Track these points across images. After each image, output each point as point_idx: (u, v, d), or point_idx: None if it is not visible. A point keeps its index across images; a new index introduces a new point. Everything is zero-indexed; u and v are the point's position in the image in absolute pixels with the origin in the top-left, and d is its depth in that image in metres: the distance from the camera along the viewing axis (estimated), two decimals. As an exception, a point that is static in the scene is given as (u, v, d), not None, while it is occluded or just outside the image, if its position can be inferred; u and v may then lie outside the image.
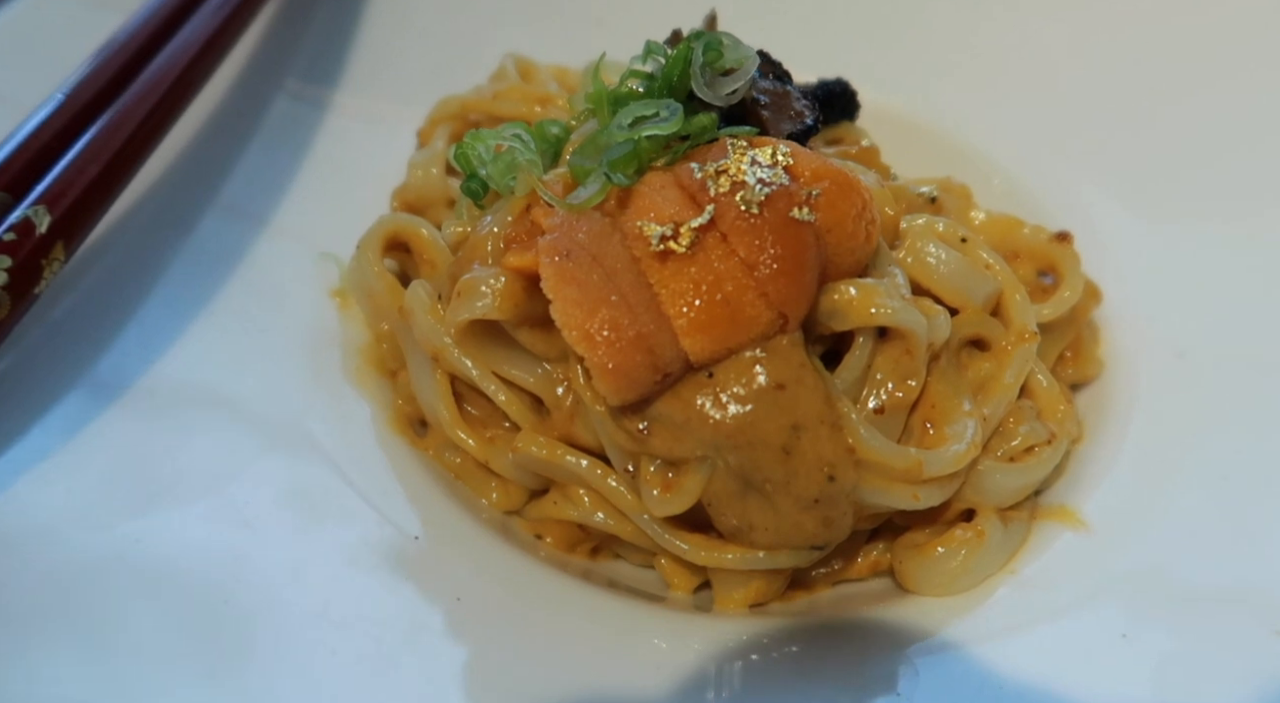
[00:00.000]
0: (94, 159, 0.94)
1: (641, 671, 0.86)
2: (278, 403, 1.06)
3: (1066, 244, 1.10)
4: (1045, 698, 0.78)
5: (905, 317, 0.90)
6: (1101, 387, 1.13)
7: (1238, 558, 0.88)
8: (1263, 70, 1.27)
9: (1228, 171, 1.23)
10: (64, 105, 0.97)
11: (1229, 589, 0.85)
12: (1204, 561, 0.88)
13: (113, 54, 1.03)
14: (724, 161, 0.88)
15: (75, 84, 0.99)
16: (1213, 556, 0.89)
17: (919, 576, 0.94)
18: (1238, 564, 0.88)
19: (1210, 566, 0.88)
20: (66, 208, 0.91)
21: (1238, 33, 1.34)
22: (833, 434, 0.87)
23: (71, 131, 0.96)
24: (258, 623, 0.81)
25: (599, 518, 0.99)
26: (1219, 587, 0.85)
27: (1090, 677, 0.79)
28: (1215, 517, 0.92)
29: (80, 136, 0.95)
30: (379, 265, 1.09)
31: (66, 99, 0.97)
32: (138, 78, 1.02)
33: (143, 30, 1.10)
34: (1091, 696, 0.77)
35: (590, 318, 0.86)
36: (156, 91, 1.02)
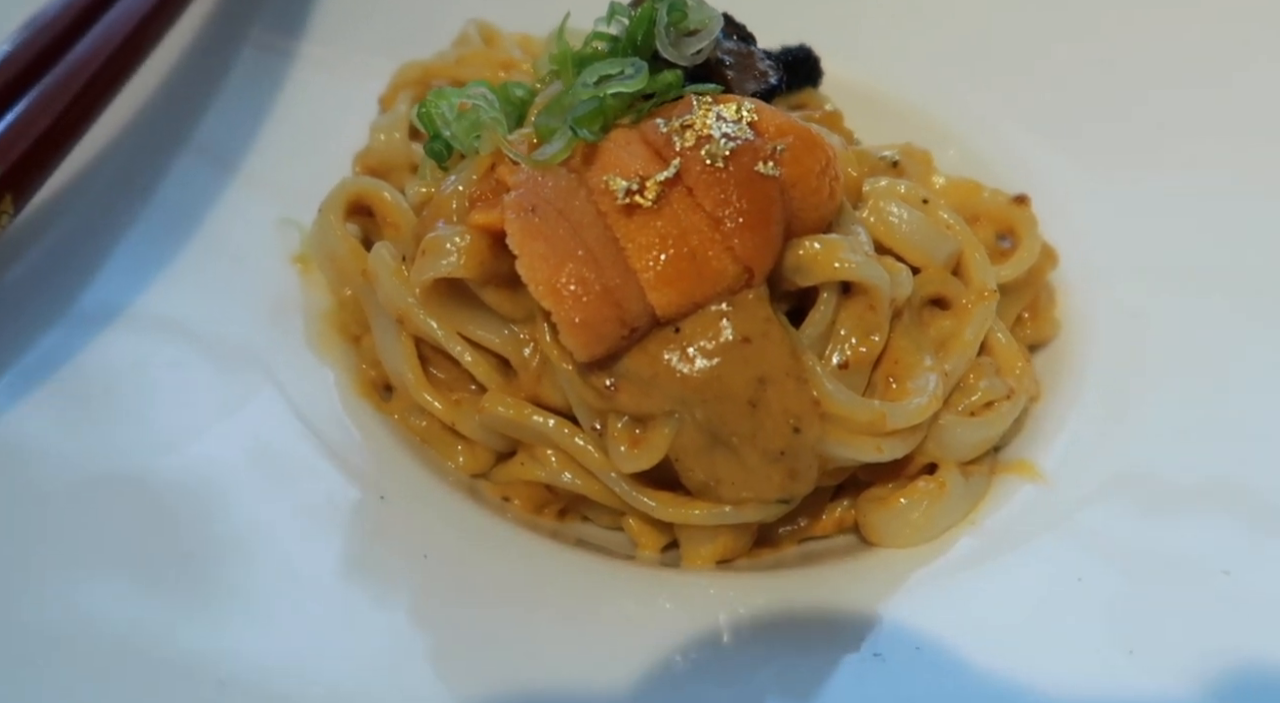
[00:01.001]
0: (45, 111, 0.92)
1: (609, 626, 0.87)
2: (241, 370, 1.04)
3: (1024, 207, 1.12)
4: (1005, 640, 0.80)
5: (869, 271, 0.91)
6: (1058, 347, 1.15)
7: (1187, 509, 0.91)
8: (1215, 35, 1.30)
9: (1179, 140, 1.26)
10: (12, 56, 0.94)
11: (1177, 539, 0.87)
12: (1154, 513, 0.91)
13: (65, 5, 1.00)
14: (689, 117, 0.89)
15: (25, 35, 0.96)
16: (1163, 509, 0.91)
17: (882, 528, 0.95)
18: (1185, 517, 0.90)
19: (1161, 519, 0.91)
20: (15, 160, 0.88)
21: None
22: (798, 387, 0.88)
23: (22, 83, 0.93)
24: (222, 580, 0.80)
25: (566, 478, 0.99)
26: (1169, 536, 0.88)
27: (1047, 617, 0.81)
28: (1166, 470, 0.95)
29: (31, 88, 0.93)
30: (341, 229, 1.08)
31: (15, 50, 0.94)
32: (91, 29, 1.00)
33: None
34: (1048, 635, 0.79)
35: (557, 272, 0.86)
36: (111, 43, 1.00)
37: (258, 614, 0.78)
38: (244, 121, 1.28)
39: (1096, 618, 0.80)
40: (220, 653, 0.74)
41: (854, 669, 0.80)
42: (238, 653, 0.75)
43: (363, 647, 0.78)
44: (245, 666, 0.74)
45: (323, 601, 0.81)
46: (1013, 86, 1.36)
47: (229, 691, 0.71)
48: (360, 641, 0.78)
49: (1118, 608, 0.81)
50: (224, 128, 1.26)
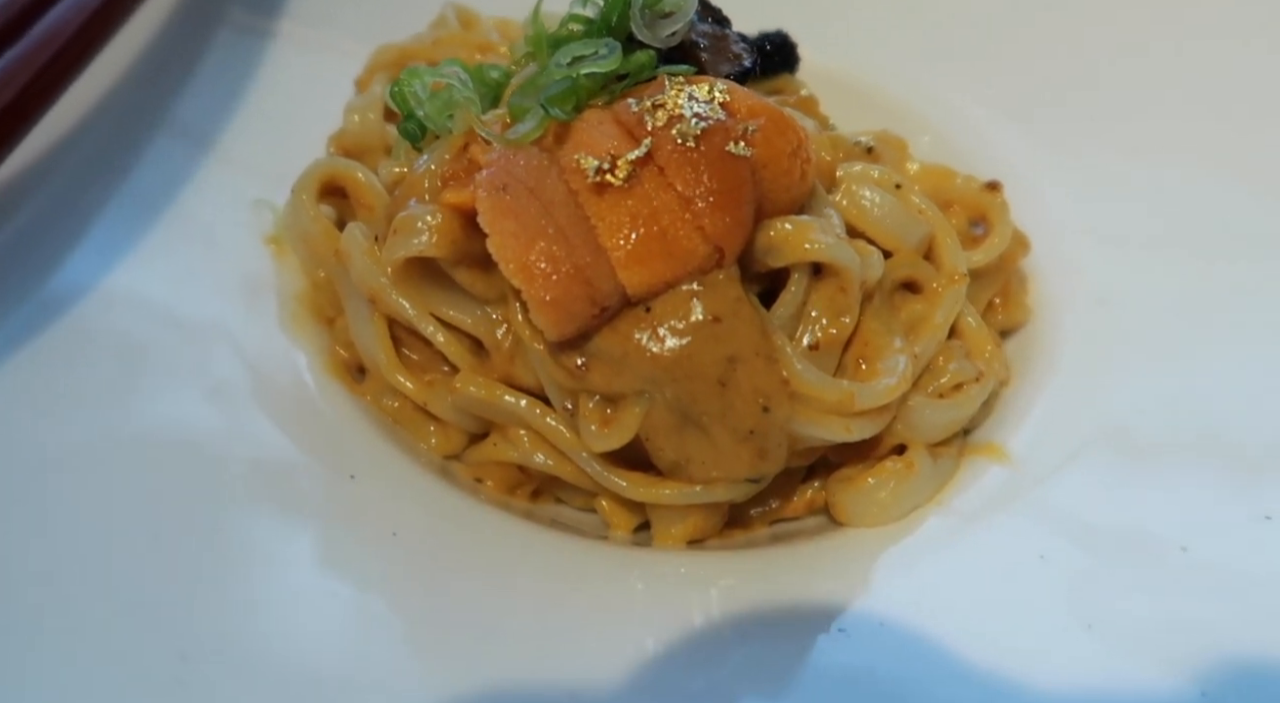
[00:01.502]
0: (6, 86, 0.91)
1: (579, 606, 0.87)
2: (213, 351, 1.03)
3: (996, 193, 1.13)
4: (968, 615, 0.81)
5: (839, 253, 0.92)
6: (1029, 333, 1.16)
7: (1147, 491, 0.92)
8: (1189, 28, 1.31)
9: (1150, 131, 1.28)
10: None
11: (1139, 517, 0.89)
12: (1117, 493, 0.92)
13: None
14: (661, 97, 0.89)
15: None
16: (1125, 489, 0.93)
17: (850, 507, 0.96)
18: (1146, 497, 0.92)
19: (1123, 498, 0.92)
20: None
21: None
22: (768, 367, 0.89)
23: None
24: (186, 555, 0.80)
25: (539, 459, 0.99)
26: (1131, 515, 0.89)
27: (1009, 594, 0.82)
28: (1129, 455, 0.96)
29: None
30: (314, 209, 1.08)
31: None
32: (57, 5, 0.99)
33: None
34: (1009, 611, 0.80)
35: (527, 251, 0.86)
36: (77, 19, 0.99)
37: (220, 588, 0.77)
38: (220, 102, 1.27)
39: (1057, 594, 0.82)
40: (183, 626, 0.74)
41: (818, 646, 0.81)
42: (200, 627, 0.74)
43: (327, 622, 0.78)
44: (208, 639, 0.74)
45: (287, 577, 0.81)
46: (988, 74, 1.37)
47: (191, 663, 0.71)
48: (325, 616, 0.79)
49: (1078, 584, 0.82)
50: (199, 108, 1.25)
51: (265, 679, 0.72)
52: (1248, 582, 0.80)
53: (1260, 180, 1.17)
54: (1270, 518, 0.84)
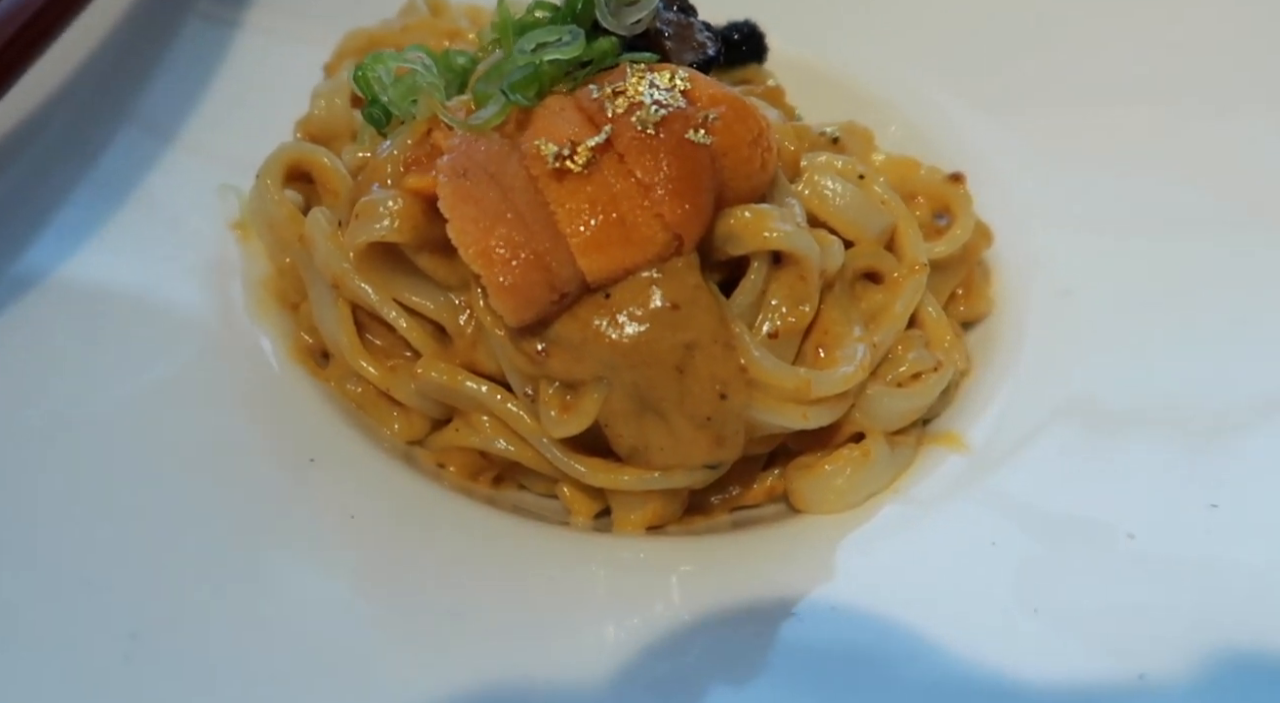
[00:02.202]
0: None
1: (536, 590, 0.88)
2: (177, 335, 1.03)
3: (959, 185, 1.14)
4: (917, 600, 0.82)
5: (798, 241, 0.93)
6: (992, 323, 1.17)
7: (1098, 480, 0.93)
8: (1156, 22, 1.32)
9: (1117, 124, 1.29)
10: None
11: (1089, 505, 0.90)
12: (1069, 481, 0.93)
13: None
14: (622, 84, 0.90)
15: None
16: (1077, 477, 0.94)
17: (807, 494, 0.97)
18: (1097, 485, 0.93)
19: (1076, 487, 0.93)
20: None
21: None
22: (725, 353, 0.89)
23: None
24: (138, 536, 0.80)
25: (500, 444, 1.00)
26: (1081, 502, 0.91)
27: (958, 580, 0.83)
28: (1083, 444, 0.98)
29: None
30: (279, 194, 1.07)
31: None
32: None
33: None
34: (957, 596, 0.81)
35: (486, 236, 0.86)
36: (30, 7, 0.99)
37: (173, 568, 0.78)
38: (188, 87, 1.26)
39: (1005, 580, 0.83)
40: (135, 605, 0.74)
41: (771, 630, 0.81)
42: (152, 606, 0.75)
43: (278, 604, 0.78)
44: (159, 619, 0.74)
45: (239, 558, 0.81)
46: (959, 65, 1.38)
47: (141, 642, 0.71)
48: (276, 598, 0.79)
49: (1026, 571, 0.83)
50: (167, 93, 1.25)
51: (214, 660, 0.72)
52: (1190, 569, 0.82)
53: (1224, 173, 1.18)
54: (1216, 507, 0.86)
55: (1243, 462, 0.90)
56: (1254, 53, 1.24)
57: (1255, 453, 0.90)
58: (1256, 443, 0.92)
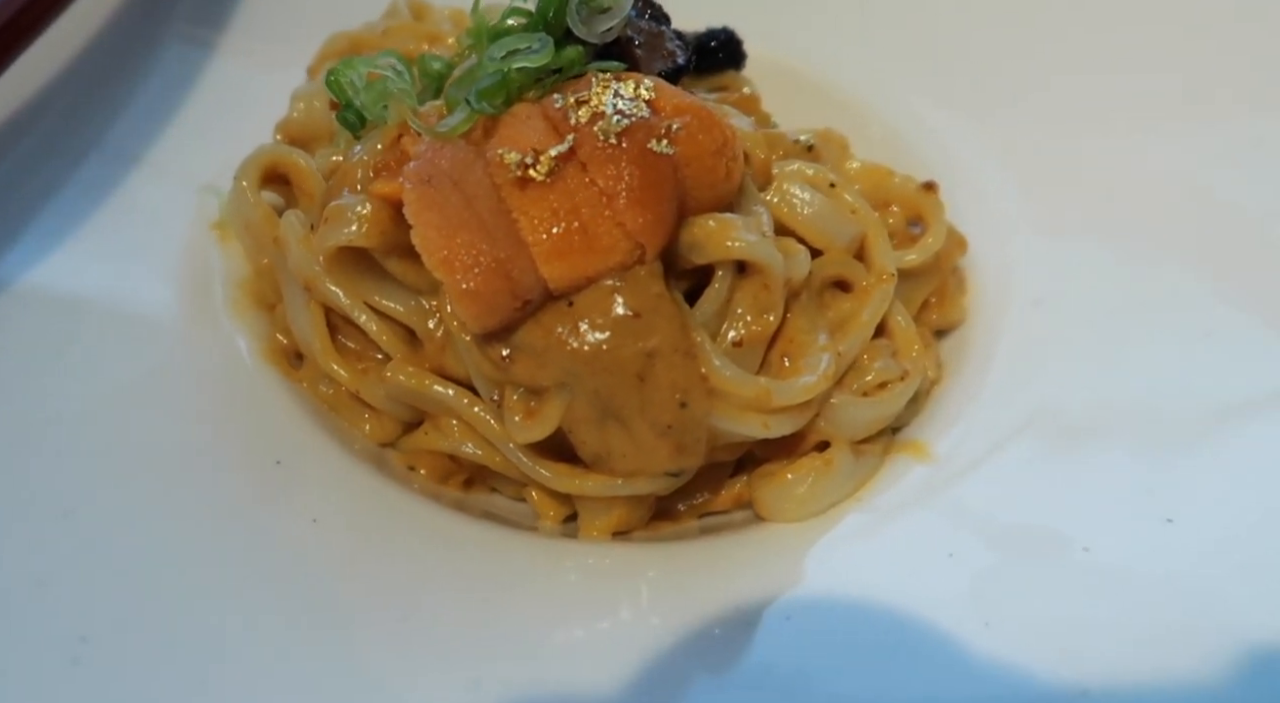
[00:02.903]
0: None
1: (494, 593, 0.88)
2: (153, 335, 1.04)
3: (932, 193, 1.14)
4: (871, 610, 0.82)
5: (761, 251, 0.93)
6: (965, 332, 1.17)
7: (1058, 491, 0.93)
8: (1140, 30, 1.31)
9: (1097, 134, 1.28)
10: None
11: (1047, 517, 0.90)
12: (1029, 492, 0.93)
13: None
14: (585, 93, 0.90)
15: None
16: (1038, 489, 0.94)
17: (770, 501, 0.97)
18: (1057, 497, 0.93)
19: (1036, 498, 0.93)
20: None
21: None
22: (686, 362, 0.90)
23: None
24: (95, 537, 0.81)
25: (467, 448, 1.00)
26: (1040, 514, 0.91)
27: (914, 590, 0.83)
28: (1046, 455, 0.98)
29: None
30: (255, 196, 1.08)
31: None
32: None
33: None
34: (912, 606, 0.81)
35: (449, 243, 0.87)
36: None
37: (126, 571, 0.78)
38: (173, 87, 1.28)
39: (960, 592, 0.83)
40: (86, 608, 0.75)
41: (723, 638, 0.82)
42: (103, 610, 0.75)
43: (231, 607, 0.79)
44: (110, 622, 0.74)
45: (195, 560, 0.82)
46: (941, 71, 1.38)
47: (90, 645, 0.72)
48: (230, 601, 0.79)
49: (981, 583, 0.84)
50: (152, 93, 1.26)
51: (163, 664, 0.73)
52: (1143, 583, 0.82)
53: (1196, 186, 1.18)
54: (1171, 521, 0.86)
55: (1202, 476, 0.90)
56: (1229, 66, 1.24)
57: (1215, 468, 0.90)
58: (1217, 458, 0.92)
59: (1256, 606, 0.78)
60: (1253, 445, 0.92)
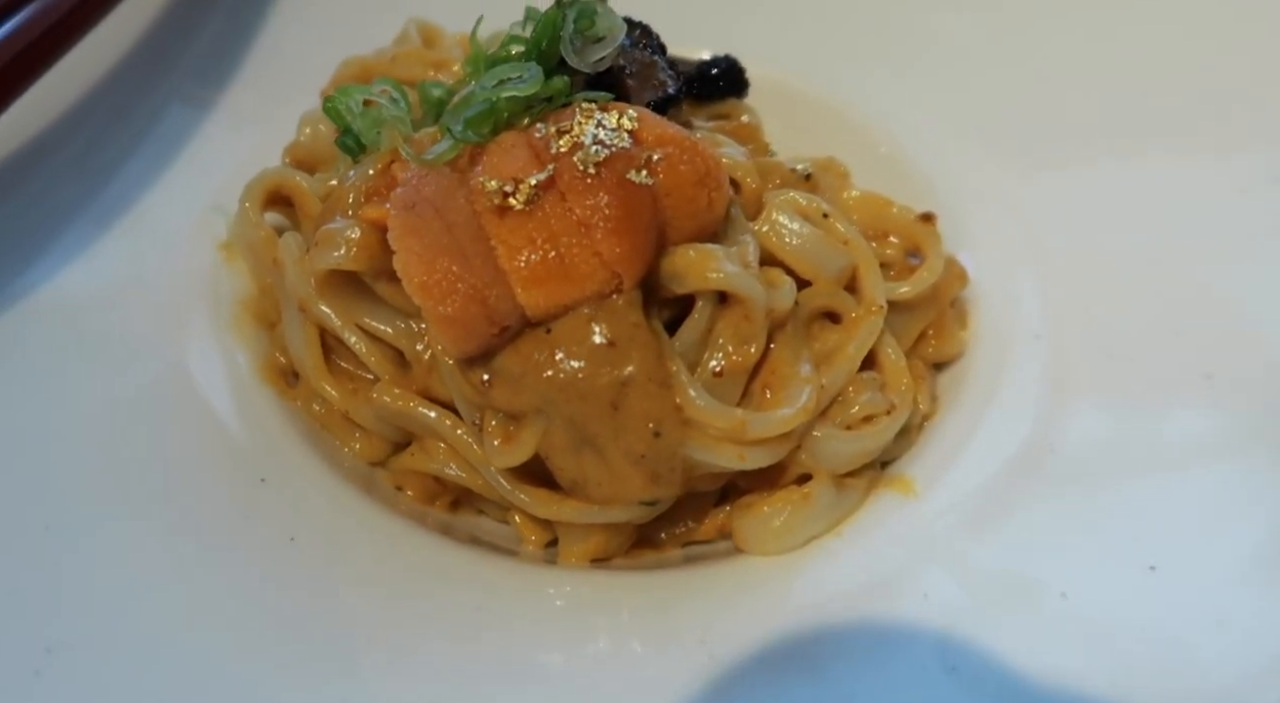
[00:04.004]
0: None
1: (463, 615, 0.89)
2: (151, 351, 1.06)
3: (930, 224, 1.13)
4: (838, 648, 0.81)
5: (741, 282, 0.93)
6: (964, 365, 1.15)
7: (1043, 537, 0.91)
8: (1152, 65, 1.29)
9: (1108, 168, 1.26)
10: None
11: (1026, 564, 0.88)
12: (1010, 533, 0.91)
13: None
14: (567, 123, 0.91)
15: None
16: (1019, 530, 0.92)
17: (748, 534, 0.96)
18: (1041, 543, 0.91)
19: (1017, 540, 0.91)
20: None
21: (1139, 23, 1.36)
22: (661, 391, 0.90)
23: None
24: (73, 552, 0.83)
25: (451, 470, 1.02)
26: (1018, 557, 0.89)
27: (883, 631, 0.82)
28: (1032, 495, 0.95)
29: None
30: (258, 217, 1.11)
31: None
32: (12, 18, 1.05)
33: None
34: (878, 648, 0.80)
35: (429, 269, 0.88)
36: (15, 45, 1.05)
37: (98, 584, 0.80)
38: (186, 109, 1.32)
39: (930, 635, 0.81)
40: (54, 619, 0.77)
41: (682, 670, 0.81)
42: (71, 621, 0.77)
43: (197, 625, 0.80)
44: (77, 634, 0.76)
45: (169, 576, 0.83)
46: (953, 101, 1.36)
47: (55, 655, 0.74)
48: (196, 619, 0.81)
49: (952, 626, 0.82)
50: (166, 114, 1.30)
51: (125, 680, 0.74)
52: (1120, 632, 0.79)
53: (1210, 222, 1.15)
54: (1154, 569, 0.83)
55: (1189, 525, 0.87)
56: (1240, 97, 1.21)
57: (1204, 517, 0.87)
58: (1206, 507, 0.88)
59: (1232, 660, 0.75)
60: (1245, 496, 0.89)
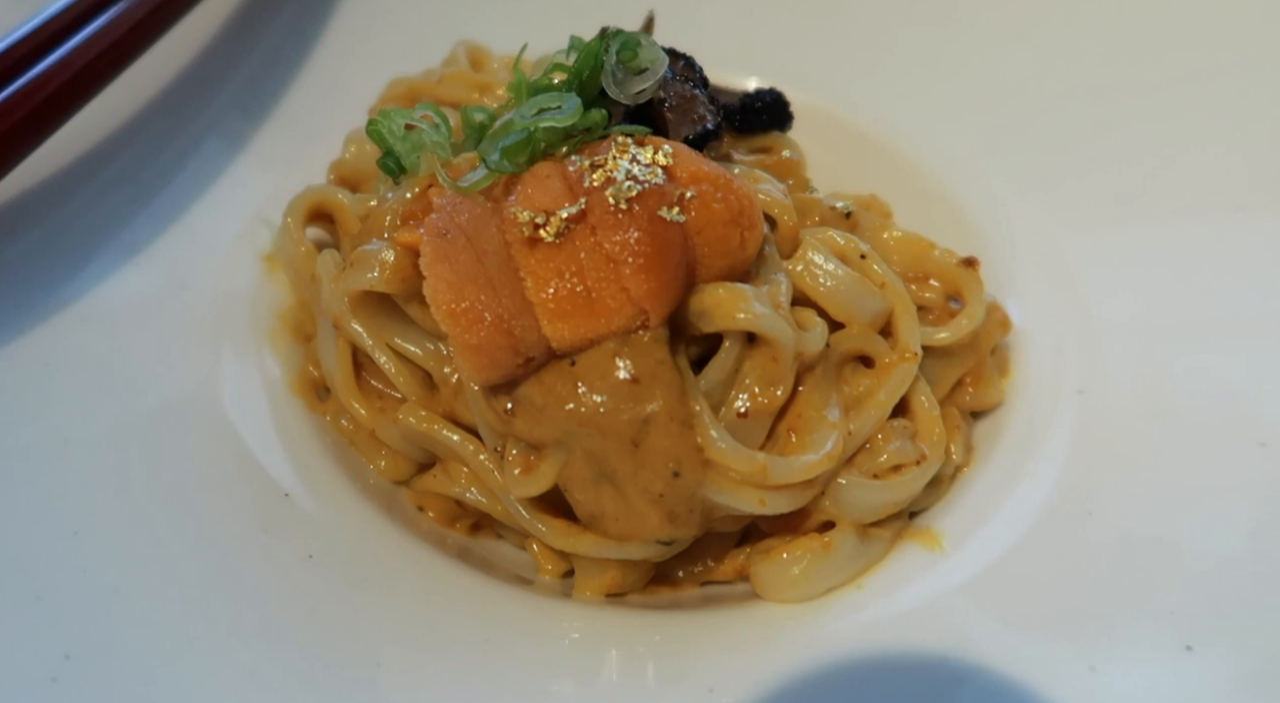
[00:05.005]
0: (20, 105, 1.01)
1: (474, 644, 0.88)
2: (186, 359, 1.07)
3: (972, 270, 1.10)
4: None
5: (769, 323, 0.91)
6: (1002, 415, 1.12)
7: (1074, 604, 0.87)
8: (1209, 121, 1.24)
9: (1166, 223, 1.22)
10: (5, 52, 1.03)
11: (1055, 631, 0.84)
12: (1040, 598, 0.88)
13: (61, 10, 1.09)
14: (602, 156, 0.90)
15: (18, 35, 1.05)
16: (1049, 595, 0.88)
17: (765, 580, 0.94)
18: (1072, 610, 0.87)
19: (1047, 606, 0.88)
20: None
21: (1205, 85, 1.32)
22: (682, 431, 0.88)
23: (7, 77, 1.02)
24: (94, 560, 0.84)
25: (471, 494, 1.02)
26: (1047, 624, 0.85)
27: (900, 693, 0.79)
28: (1066, 558, 0.92)
29: (14, 82, 1.02)
30: (299, 233, 1.13)
31: (8, 48, 1.04)
32: (74, 35, 1.08)
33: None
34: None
35: (457, 297, 0.89)
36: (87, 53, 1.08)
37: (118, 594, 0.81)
38: (241, 121, 1.34)
39: (947, 699, 0.78)
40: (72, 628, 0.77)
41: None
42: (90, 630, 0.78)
43: (212, 638, 0.80)
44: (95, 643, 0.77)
45: (186, 587, 0.84)
46: (1011, 146, 1.33)
47: (74, 663, 0.74)
48: (213, 632, 0.81)
49: (972, 694, 0.79)
50: (220, 125, 1.33)
51: (138, 689, 0.75)
52: (1147, 713, 0.76)
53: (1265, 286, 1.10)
54: (1191, 649, 0.79)
55: (1231, 604, 0.82)
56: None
57: (1246, 596, 0.83)
58: (1249, 585, 0.84)
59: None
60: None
